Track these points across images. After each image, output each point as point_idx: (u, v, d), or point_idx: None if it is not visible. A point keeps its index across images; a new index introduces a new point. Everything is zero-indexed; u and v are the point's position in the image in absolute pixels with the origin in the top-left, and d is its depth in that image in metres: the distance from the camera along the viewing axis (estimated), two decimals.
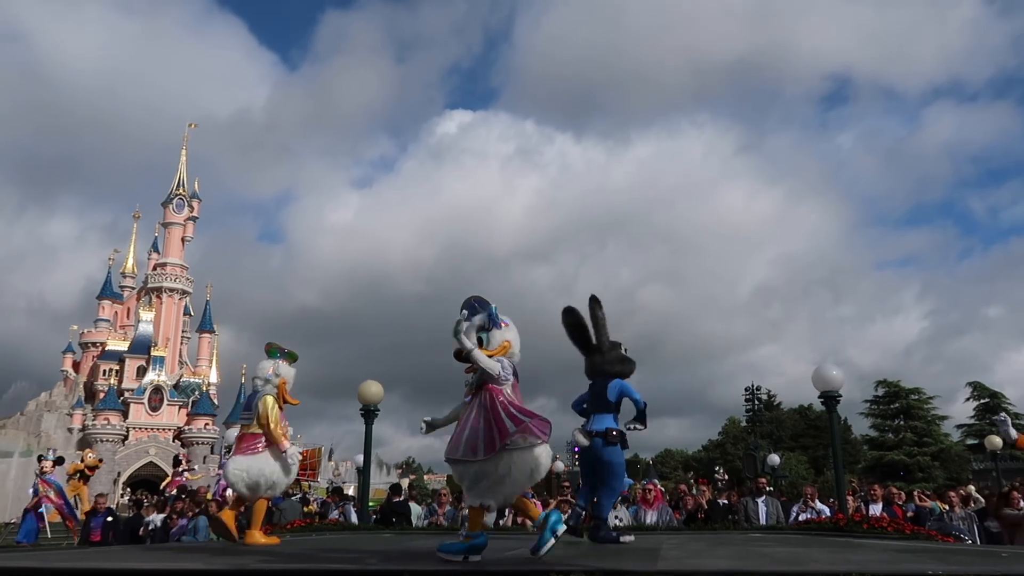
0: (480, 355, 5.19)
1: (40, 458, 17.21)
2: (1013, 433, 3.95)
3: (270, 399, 7.48)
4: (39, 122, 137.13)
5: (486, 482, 4.98)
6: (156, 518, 13.14)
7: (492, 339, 5.34)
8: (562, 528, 5.11)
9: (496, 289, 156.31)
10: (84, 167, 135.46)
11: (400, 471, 75.31)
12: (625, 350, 6.92)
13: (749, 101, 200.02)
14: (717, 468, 43.53)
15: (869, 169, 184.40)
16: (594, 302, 7.02)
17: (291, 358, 7.93)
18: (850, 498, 12.02)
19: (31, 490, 15.53)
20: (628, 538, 6.89)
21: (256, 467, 7.34)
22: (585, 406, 6.86)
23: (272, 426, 7.39)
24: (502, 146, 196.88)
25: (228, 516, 7.63)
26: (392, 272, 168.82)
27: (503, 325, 5.46)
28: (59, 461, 17.03)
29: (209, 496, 14.93)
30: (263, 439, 7.43)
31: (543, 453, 5.06)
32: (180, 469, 19.91)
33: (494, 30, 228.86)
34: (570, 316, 6.94)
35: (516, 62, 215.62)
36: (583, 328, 6.86)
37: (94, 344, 65.80)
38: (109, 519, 13.15)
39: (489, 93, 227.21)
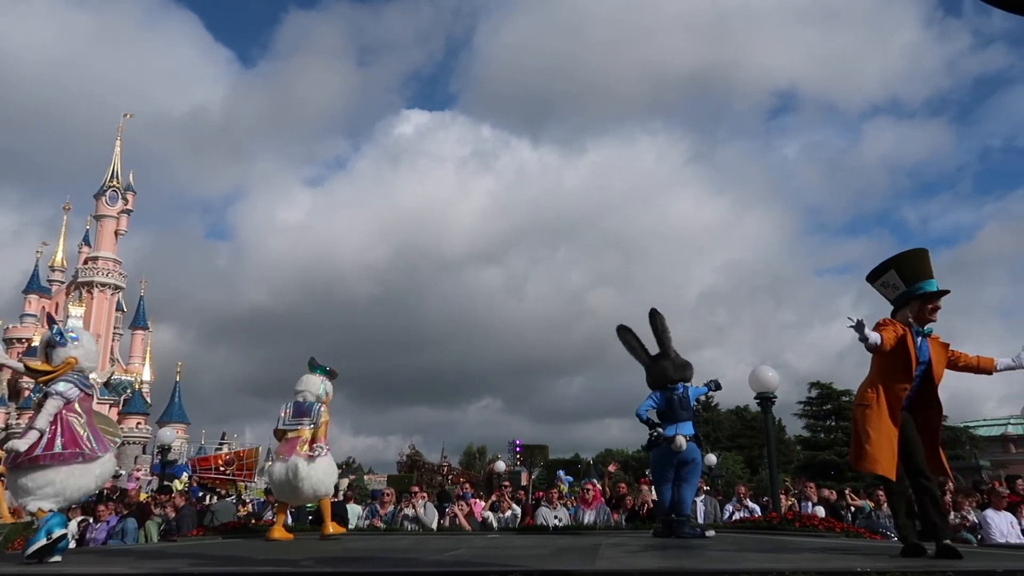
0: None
1: None
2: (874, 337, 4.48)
3: (326, 409, 8.42)
4: None
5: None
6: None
7: (55, 356, 5.67)
8: (58, 531, 5.19)
9: (448, 291, 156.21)
10: (27, 161, 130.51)
11: (340, 471, 74.46)
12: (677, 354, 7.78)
13: (701, 113, 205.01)
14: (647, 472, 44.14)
15: (812, 180, 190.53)
16: (655, 314, 7.79)
17: (332, 376, 8.73)
18: (783, 497, 12.29)
19: None
20: (711, 533, 7.49)
21: (309, 469, 8.03)
22: (651, 412, 7.60)
23: (323, 432, 8.27)
24: (458, 149, 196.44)
25: (280, 531, 8.35)
26: (344, 273, 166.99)
27: (72, 343, 5.74)
28: None
29: (144, 497, 14.48)
30: (307, 444, 8.12)
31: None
32: (129, 472, 19.22)
33: (456, 38, 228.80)
34: (628, 332, 7.88)
35: (476, 68, 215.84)
36: (640, 342, 7.80)
37: (19, 340, 63.18)
38: None
39: (447, 98, 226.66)
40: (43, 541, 5.08)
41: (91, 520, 11.29)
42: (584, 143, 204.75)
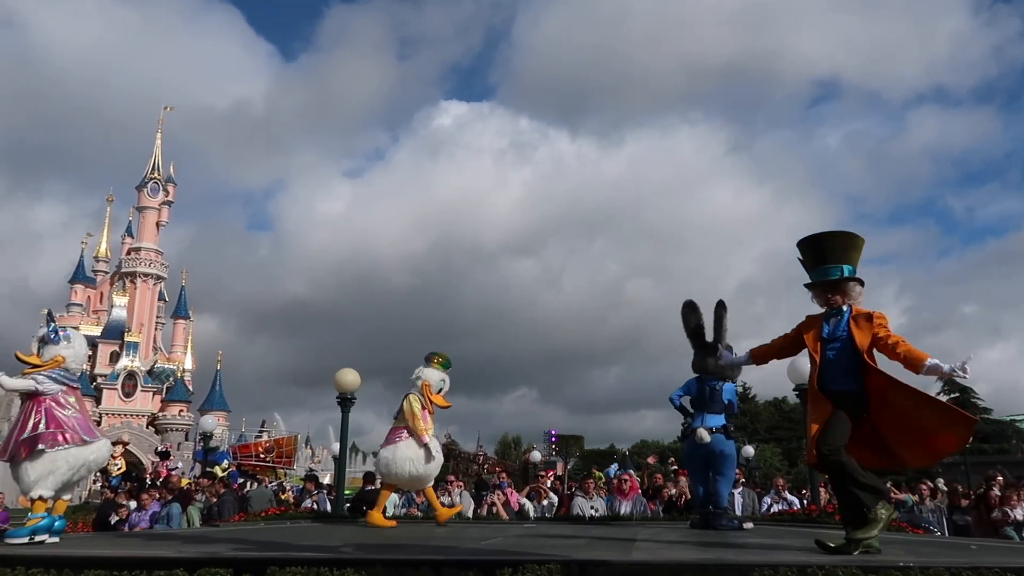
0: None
1: None
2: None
3: (413, 398, 8.46)
4: (32, 109, 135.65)
5: None
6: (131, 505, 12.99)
7: (46, 352, 6.00)
8: (41, 537, 5.58)
9: (484, 282, 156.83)
10: (75, 155, 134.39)
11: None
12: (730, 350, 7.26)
13: (740, 103, 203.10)
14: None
15: (853, 170, 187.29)
16: (721, 307, 7.64)
17: (442, 365, 8.85)
18: (822, 489, 12.13)
19: None
20: (749, 525, 7.49)
21: (394, 456, 8.30)
22: (683, 399, 7.53)
23: (412, 421, 8.34)
24: (496, 140, 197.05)
25: (377, 517, 8.53)
26: (382, 264, 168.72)
27: (63, 342, 6.07)
28: None
29: (185, 482, 14.79)
30: (405, 431, 8.38)
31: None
32: (167, 464, 19.67)
33: (495, 30, 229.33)
34: (691, 309, 7.70)
35: (514, 60, 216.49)
36: (701, 324, 7.62)
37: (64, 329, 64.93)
38: None
39: (486, 89, 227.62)
40: (24, 540, 5.58)
41: (134, 506, 11.59)
42: (622, 134, 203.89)
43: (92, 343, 61.77)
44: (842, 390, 4.74)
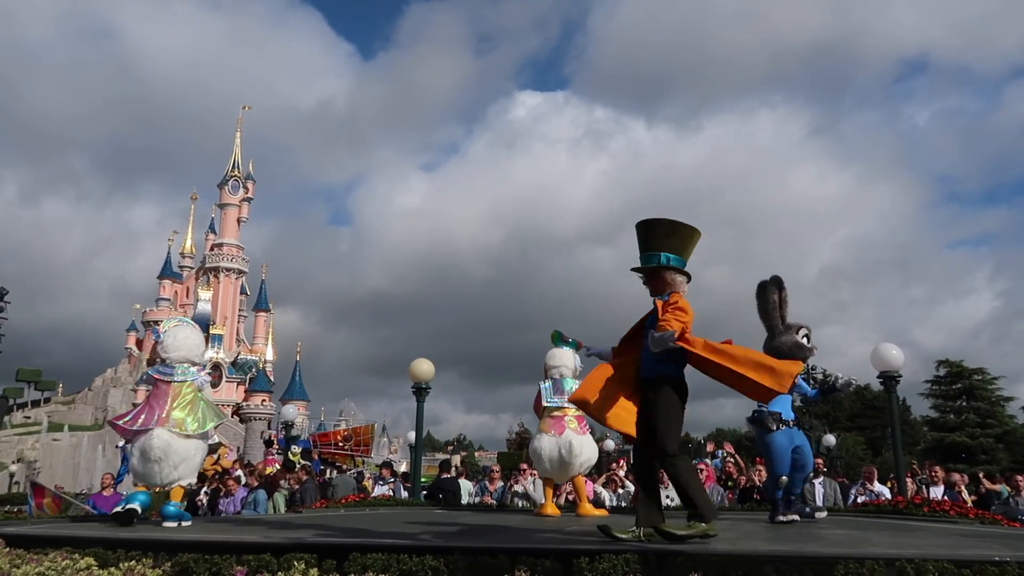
0: None
1: None
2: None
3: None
4: (129, 114, 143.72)
5: None
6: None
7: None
8: (132, 505, 6.49)
9: (560, 271, 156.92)
10: (168, 157, 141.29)
11: (451, 448, 76.14)
12: (807, 335, 6.87)
13: (824, 84, 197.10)
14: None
15: (945, 148, 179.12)
16: (770, 284, 7.03)
17: (578, 348, 8.54)
18: (909, 480, 11.70)
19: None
20: (822, 514, 7.14)
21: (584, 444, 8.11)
22: None
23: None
24: (571, 130, 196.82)
25: (552, 507, 8.30)
26: (460, 255, 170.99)
27: (158, 340, 6.99)
28: None
29: (270, 470, 15.29)
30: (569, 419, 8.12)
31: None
32: (273, 450, 20.32)
33: (571, 21, 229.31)
34: (758, 290, 7.09)
35: (590, 50, 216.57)
36: (762, 308, 7.03)
37: (156, 322, 67.84)
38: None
39: (561, 80, 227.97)
40: (119, 509, 6.58)
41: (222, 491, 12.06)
42: (700, 120, 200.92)
43: None
44: (655, 376, 4.74)
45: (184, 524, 6.55)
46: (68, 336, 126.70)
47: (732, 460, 13.59)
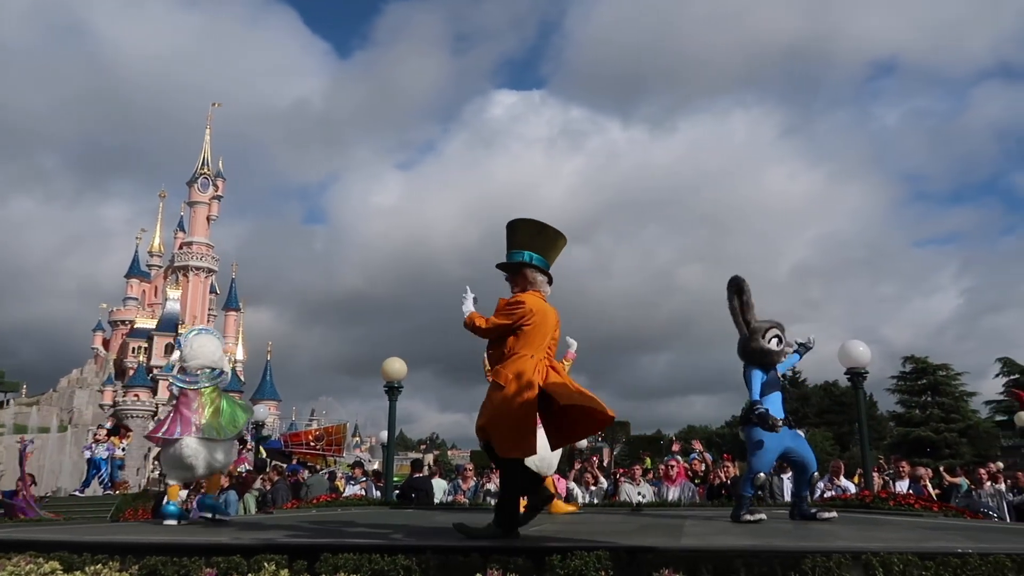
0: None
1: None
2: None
3: None
4: (101, 112, 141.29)
5: None
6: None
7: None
8: (169, 509, 7.00)
9: None
10: (141, 155, 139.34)
11: (424, 447, 75.92)
12: (777, 336, 6.47)
13: (797, 85, 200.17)
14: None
15: (913, 148, 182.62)
16: (728, 289, 6.67)
17: None
18: (876, 475, 11.88)
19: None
20: (829, 515, 6.40)
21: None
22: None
23: None
24: (547, 129, 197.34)
25: (562, 505, 8.36)
26: (436, 254, 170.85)
27: (176, 349, 7.22)
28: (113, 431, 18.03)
29: (240, 469, 15.13)
30: None
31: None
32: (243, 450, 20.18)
33: (548, 22, 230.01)
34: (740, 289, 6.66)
35: (566, 51, 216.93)
36: (744, 304, 6.62)
37: (123, 322, 66.78)
38: None
39: (537, 80, 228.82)
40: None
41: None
42: (675, 121, 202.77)
43: (147, 335, 63.52)
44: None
45: (219, 517, 7.13)
46: (36, 336, 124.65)
47: (700, 458, 13.74)
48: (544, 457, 8.01)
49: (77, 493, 17.81)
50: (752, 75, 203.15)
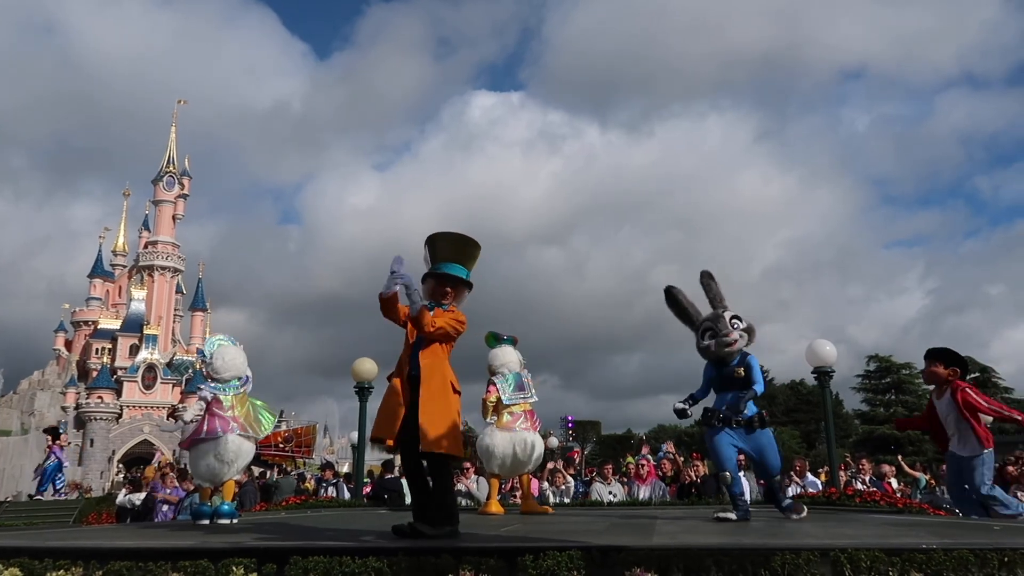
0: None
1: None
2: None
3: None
4: (72, 111, 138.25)
5: None
6: (135, 497, 13.25)
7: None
8: (203, 510, 7.27)
9: (510, 271, 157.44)
10: (113, 155, 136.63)
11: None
12: (709, 328, 6.45)
13: (770, 91, 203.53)
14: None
15: (882, 153, 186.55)
16: (665, 300, 6.89)
17: (515, 343, 8.69)
18: (842, 472, 12.07)
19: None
20: (798, 515, 6.28)
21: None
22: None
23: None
24: (524, 132, 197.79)
25: (496, 505, 8.29)
26: (412, 256, 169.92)
27: (205, 360, 7.55)
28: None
29: None
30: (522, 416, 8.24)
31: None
32: None
33: (529, 28, 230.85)
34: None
35: (545, 55, 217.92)
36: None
37: (86, 323, 65.60)
38: None
39: (516, 84, 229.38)
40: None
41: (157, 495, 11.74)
42: (651, 125, 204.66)
43: (111, 336, 62.41)
44: (415, 374, 5.09)
45: (235, 522, 7.15)
46: (1, 338, 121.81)
47: (670, 457, 13.83)
48: (506, 456, 8.10)
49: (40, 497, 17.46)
50: (727, 81, 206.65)
